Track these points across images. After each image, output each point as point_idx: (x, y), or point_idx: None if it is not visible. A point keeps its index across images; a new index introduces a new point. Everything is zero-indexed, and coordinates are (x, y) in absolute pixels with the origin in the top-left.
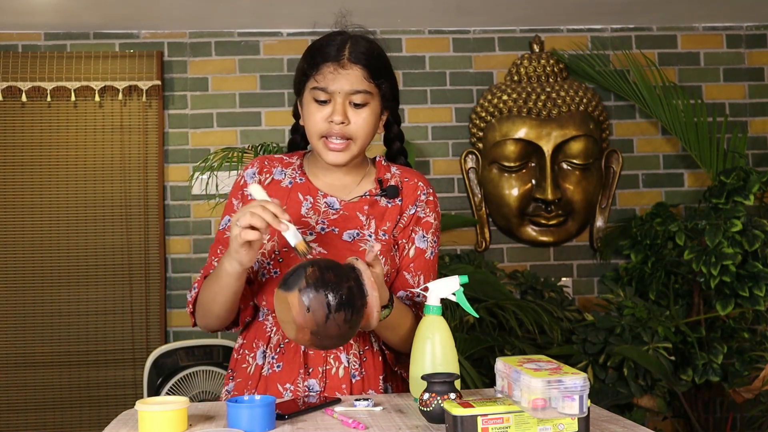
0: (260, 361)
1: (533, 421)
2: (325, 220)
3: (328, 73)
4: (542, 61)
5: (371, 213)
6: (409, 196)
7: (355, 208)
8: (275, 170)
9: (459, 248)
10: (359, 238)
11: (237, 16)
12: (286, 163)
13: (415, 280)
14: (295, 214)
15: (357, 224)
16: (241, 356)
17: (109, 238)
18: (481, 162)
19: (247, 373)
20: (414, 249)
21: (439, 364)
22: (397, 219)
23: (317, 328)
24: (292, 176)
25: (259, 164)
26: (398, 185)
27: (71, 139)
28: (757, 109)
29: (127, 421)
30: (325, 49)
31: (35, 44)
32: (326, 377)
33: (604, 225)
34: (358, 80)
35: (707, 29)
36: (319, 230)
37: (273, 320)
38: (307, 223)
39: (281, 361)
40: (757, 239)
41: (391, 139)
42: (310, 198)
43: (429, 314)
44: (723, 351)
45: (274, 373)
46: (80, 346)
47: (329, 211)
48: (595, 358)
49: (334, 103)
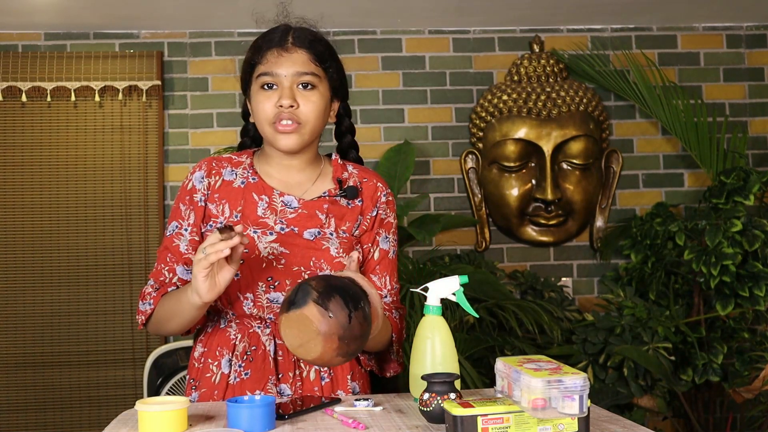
0: (226, 370)
1: (533, 421)
2: (283, 219)
3: (273, 58)
4: (542, 61)
5: (331, 212)
6: (369, 197)
7: (314, 207)
8: (224, 171)
9: (459, 248)
10: (320, 237)
11: (237, 16)
12: (236, 162)
13: (381, 281)
14: (251, 215)
15: (317, 223)
16: (204, 365)
17: (109, 238)
18: (481, 162)
19: (212, 383)
20: (378, 251)
21: (439, 364)
22: (357, 219)
23: (343, 331)
24: (243, 176)
25: (207, 166)
26: (357, 185)
27: (71, 139)
28: (757, 109)
29: (127, 421)
30: (268, 37)
31: (35, 44)
32: (299, 381)
33: (604, 225)
34: (304, 63)
35: (707, 29)
36: (278, 230)
37: (236, 327)
38: (265, 223)
39: (249, 369)
40: (757, 239)
41: (342, 132)
42: (266, 197)
43: (429, 314)
44: (723, 351)
45: (242, 381)
46: (80, 346)
47: (286, 210)
48: (595, 358)
49: (281, 88)
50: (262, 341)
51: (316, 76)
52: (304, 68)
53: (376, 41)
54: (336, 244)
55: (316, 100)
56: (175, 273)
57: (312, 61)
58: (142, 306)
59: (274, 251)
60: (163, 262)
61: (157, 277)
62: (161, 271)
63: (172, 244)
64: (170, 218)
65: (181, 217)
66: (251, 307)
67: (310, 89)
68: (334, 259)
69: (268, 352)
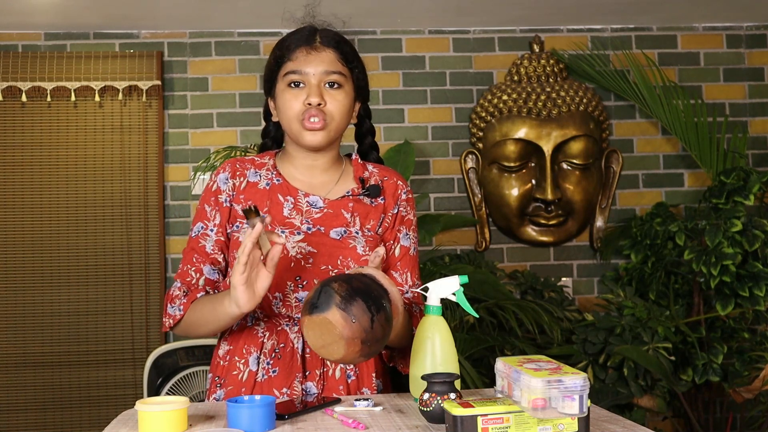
0: (254, 368)
1: (533, 421)
2: (309, 219)
3: (302, 56)
4: (542, 61)
5: (355, 210)
6: (391, 195)
7: (339, 206)
8: (248, 172)
9: (459, 248)
10: (347, 236)
11: (237, 16)
12: (259, 164)
13: (402, 277)
14: (278, 216)
15: (343, 222)
16: (230, 363)
17: (109, 238)
18: (481, 162)
19: (239, 380)
20: (399, 248)
21: (439, 364)
22: (380, 217)
23: (366, 334)
24: (267, 177)
25: (231, 168)
26: (379, 184)
27: (71, 139)
28: (757, 109)
29: (127, 421)
30: (296, 36)
31: (35, 44)
32: (324, 379)
33: (604, 225)
34: (332, 62)
35: (707, 29)
36: (305, 230)
37: (265, 325)
38: (291, 224)
39: (277, 366)
40: (757, 239)
41: (363, 134)
42: (291, 198)
43: (429, 314)
44: (723, 351)
45: (270, 378)
46: (80, 346)
47: (312, 210)
48: (595, 358)
49: (309, 86)
50: (290, 339)
51: (343, 75)
52: (331, 67)
53: (376, 41)
54: (362, 243)
55: (342, 99)
56: (202, 273)
57: (339, 61)
58: (171, 309)
59: (302, 251)
60: (189, 263)
61: (184, 278)
62: (188, 272)
63: (198, 244)
64: (195, 219)
65: (206, 218)
66: (280, 307)
67: (337, 88)
68: (360, 257)
69: (296, 349)
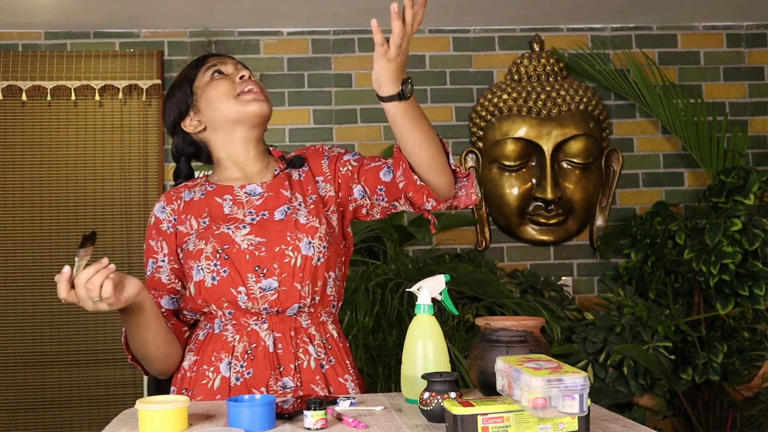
0: (226, 373)
1: (533, 420)
2: (251, 209)
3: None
4: (542, 60)
5: (292, 186)
6: (315, 158)
7: (277, 186)
8: (183, 194)
9: (459, 247)
10: (291, 212)
11: (237, 15)
12: (191, 185)
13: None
14: (219, 215)
15: (284, 200)
16: (198, 373)
17: (109, 237)
18: (481, 161)
19: (209, 389)
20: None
21: (431, 364)
22: (315, 181)
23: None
24: (202, 189)
25: (166, 197)
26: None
27: (71, 139)
28: (757, 108)
29: (127, 420)
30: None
31: (35, 43)
32: (299, 372)
33: (604, 224)
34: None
35: (707, 28)
36: (249, 221)
37: (233, 329)
38: (235, 218)
39: (251, 367)
40: (757, 238)
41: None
42: (228, 196)
43: (420, 313)
44: (723, 350)
45: (245, 381)
46: (80, 345)
47: (252, 198)
48: (595, 357)
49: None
50: (261, 337)
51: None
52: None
53: None
54: (305, 213)
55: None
56: (161, 306)
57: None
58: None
59: (252, 242)
60: None
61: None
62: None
63: (154, 278)
64: (145, 258)
65: (154, 252)
66: (246, 301)
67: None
68: (306, 226)
69: (267, 347)
